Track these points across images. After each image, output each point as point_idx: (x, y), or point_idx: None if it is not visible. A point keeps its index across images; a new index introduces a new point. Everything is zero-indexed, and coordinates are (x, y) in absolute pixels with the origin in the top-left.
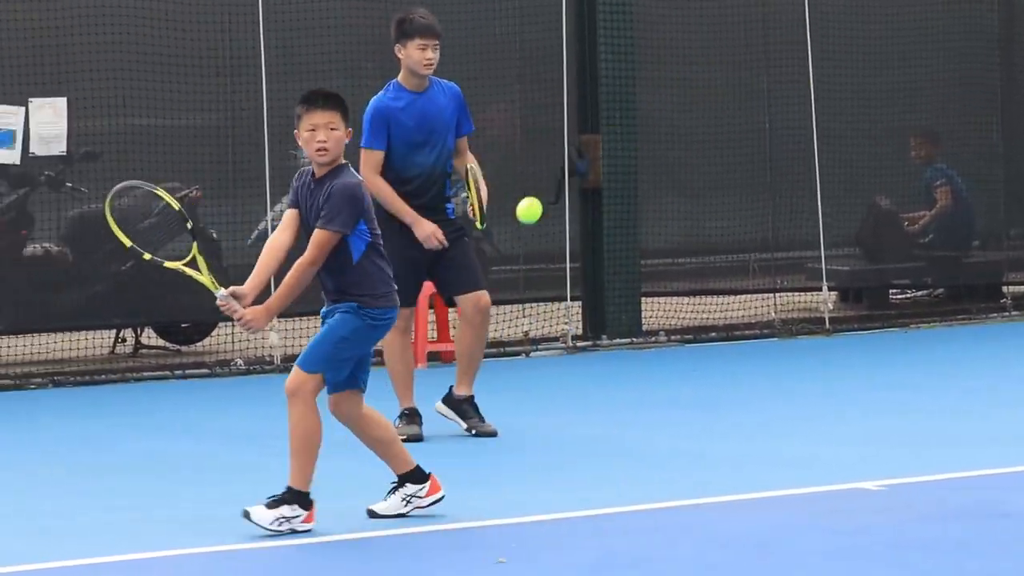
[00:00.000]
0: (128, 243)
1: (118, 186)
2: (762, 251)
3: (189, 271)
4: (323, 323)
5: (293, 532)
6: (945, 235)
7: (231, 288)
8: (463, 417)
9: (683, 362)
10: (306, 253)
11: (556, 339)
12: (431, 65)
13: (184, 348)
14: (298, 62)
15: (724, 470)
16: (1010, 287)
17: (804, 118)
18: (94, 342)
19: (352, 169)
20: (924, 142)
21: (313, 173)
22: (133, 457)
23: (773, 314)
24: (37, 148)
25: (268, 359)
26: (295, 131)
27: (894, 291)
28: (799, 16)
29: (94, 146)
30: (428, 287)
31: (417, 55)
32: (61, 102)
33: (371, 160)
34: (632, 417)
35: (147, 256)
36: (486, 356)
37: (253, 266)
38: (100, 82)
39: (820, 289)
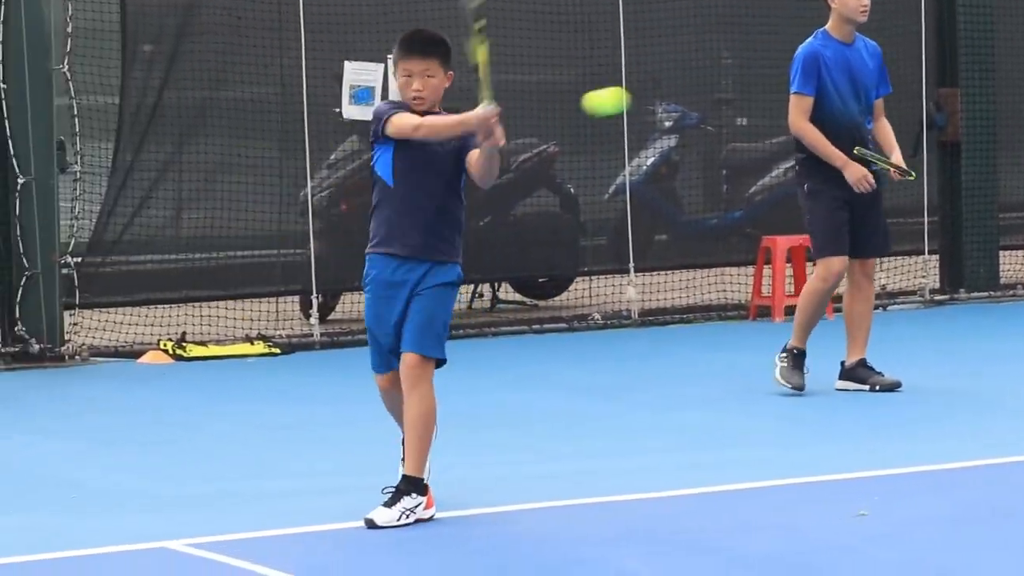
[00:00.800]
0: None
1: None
2: None
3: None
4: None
5: (419, 521)
6: None
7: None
8: (862, 381)
9: None
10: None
11: (914, 293)
12: (867, 11)
13: (541, 303)
14: (656, 17)
15: None
16: None
17: None
18: None
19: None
20: None
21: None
22: (491, 410)
23: None
24: None
25: (625, 313)
26: (393, 72)
27: None
28: None
29: (451, 102)
30: (785, 241)
31: (854, 2)
32: None
33: (801, 105)
34: (992, 370)
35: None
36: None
37: (611, 220)
38: (458, 38)
39: None
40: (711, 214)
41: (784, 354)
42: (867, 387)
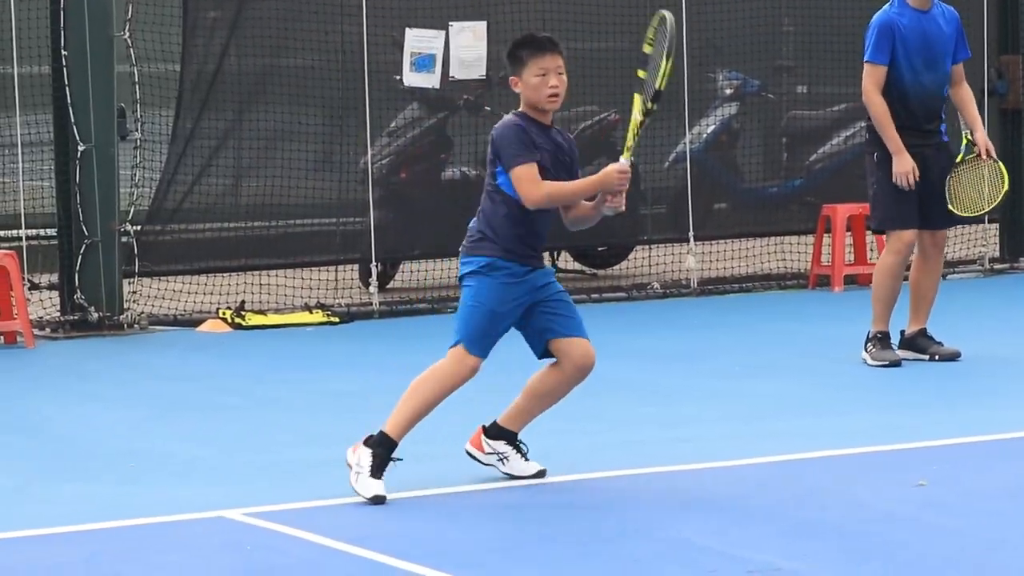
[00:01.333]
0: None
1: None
2: None
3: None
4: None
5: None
6: None
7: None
8: (922, 350)
9: None
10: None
11: (973, 262)
12: None
13: (600, 272)
14: None
15: None
16: None
17: None
18: None
19: None
20: None
21: (535, 122)
22: None
23: None
24: (457, 72)
25: (684, 283)
26: (511, 77)
27: None
28: None
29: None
30: (845, 209)
31: None
32: (481, 26)
33: (874, 75)
34: None
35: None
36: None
37: (671, 189)
38: (519, 5)
39: None
40: (771, 182)
41: (869, 344)
42: (927, 357)
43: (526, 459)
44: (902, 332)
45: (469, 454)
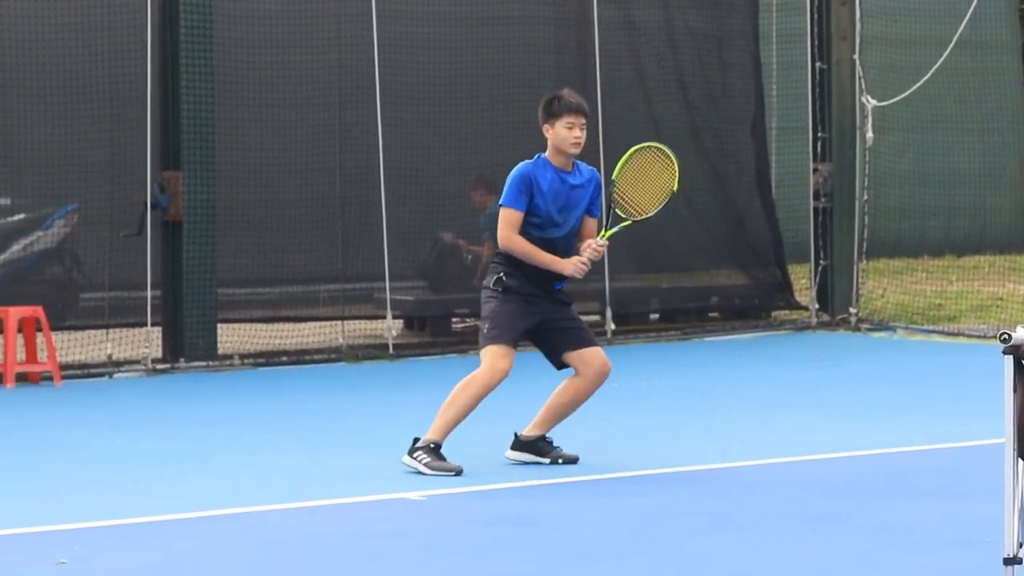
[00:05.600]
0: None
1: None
2: (332, 282)
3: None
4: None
5: None
6: None
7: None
8: (543, 454)
9: (256, 383)
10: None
11: (137, 362)
12: (579, 144)
13: None
14: None
15: (274, 478)
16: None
17: (372, 157)
18: None
19: None
20: (479, 189)
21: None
22: None
23: (341, 340)
24: None
25: None
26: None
27: (456, 319)
28: (369, 61)
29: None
30: (16, 311)
31: (564, 133)
32: None
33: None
34: (208, 432)
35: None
36: (71, 376)
37: None
38: None
39: (385, 317)
40: None
41: (420, 452)
42: (547, 460)
43: None
44: (516, 434)
45: None
